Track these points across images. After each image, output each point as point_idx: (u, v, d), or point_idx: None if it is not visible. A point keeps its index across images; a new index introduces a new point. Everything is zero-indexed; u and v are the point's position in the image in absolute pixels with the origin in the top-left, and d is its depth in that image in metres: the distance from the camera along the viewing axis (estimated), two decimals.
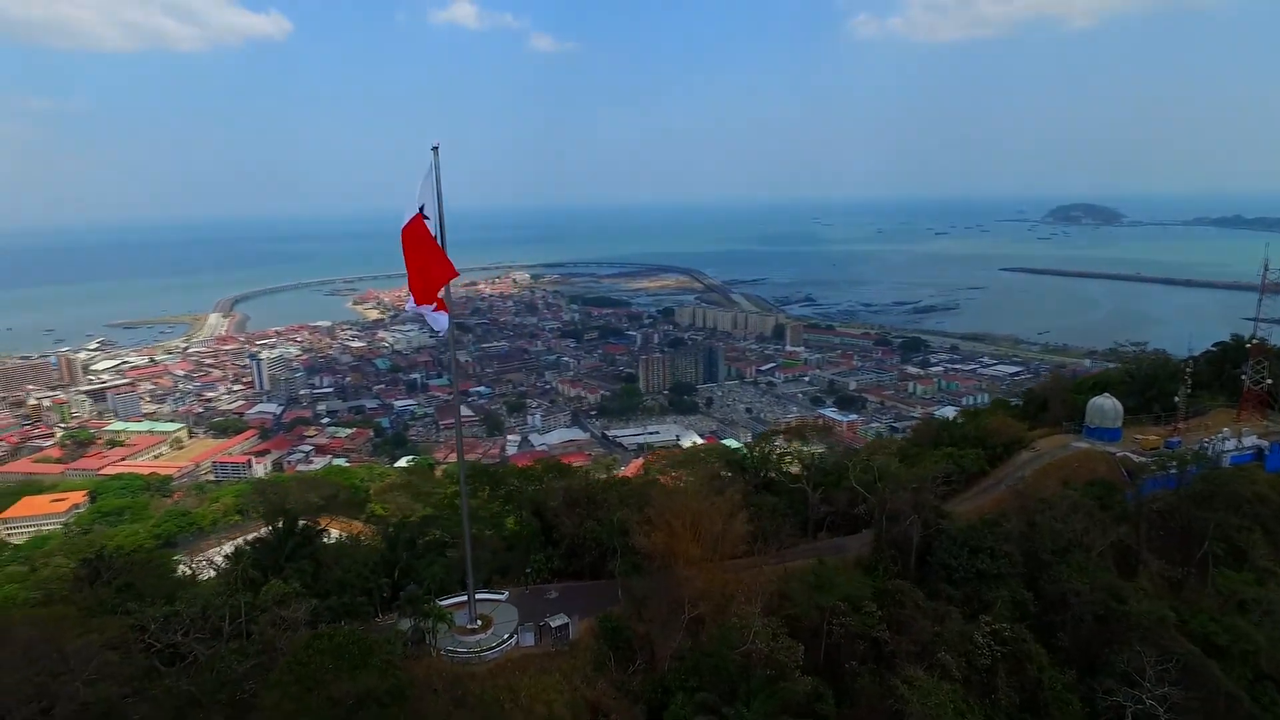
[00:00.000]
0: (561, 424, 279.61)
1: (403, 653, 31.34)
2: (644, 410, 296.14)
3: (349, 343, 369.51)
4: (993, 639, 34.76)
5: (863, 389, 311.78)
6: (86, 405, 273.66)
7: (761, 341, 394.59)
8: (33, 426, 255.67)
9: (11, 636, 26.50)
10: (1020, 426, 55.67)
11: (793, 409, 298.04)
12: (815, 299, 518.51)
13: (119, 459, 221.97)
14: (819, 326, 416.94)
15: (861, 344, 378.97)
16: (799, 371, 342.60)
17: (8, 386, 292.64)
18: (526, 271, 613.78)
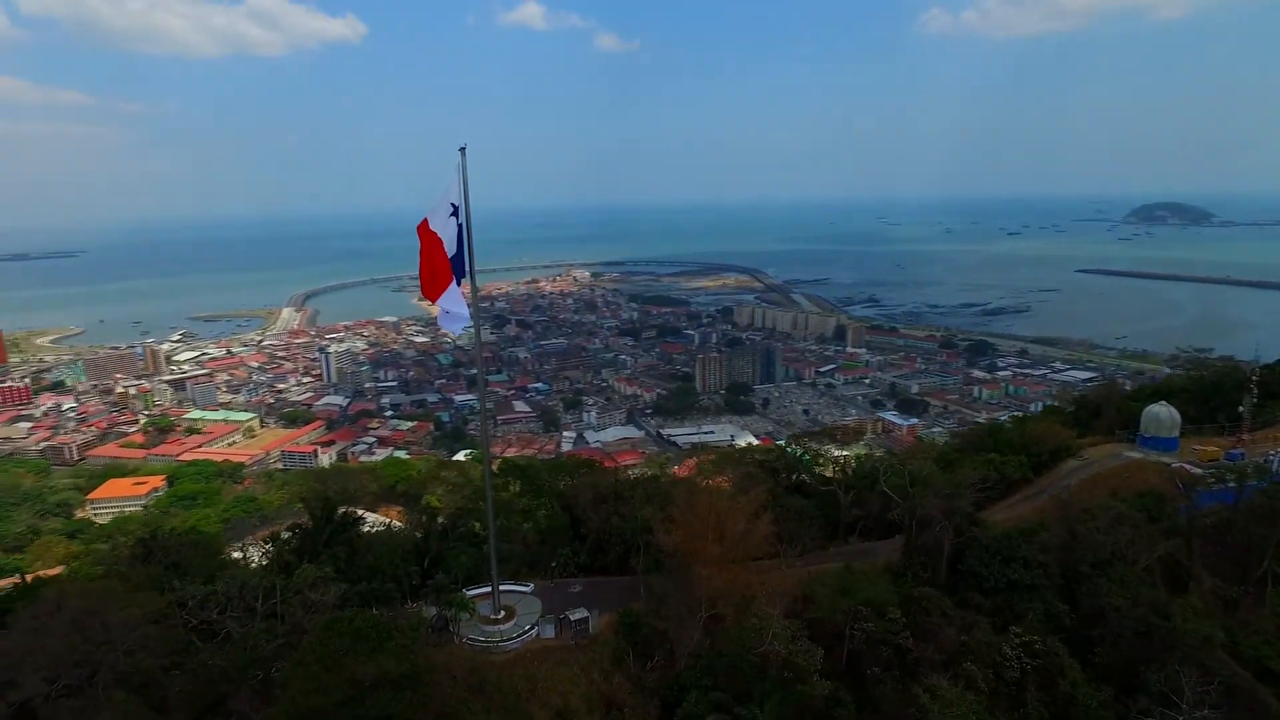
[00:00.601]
0: (617, 422, 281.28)
1: (426, 639, 32.30)
2: (699, 410, 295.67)
3: (413, 338, 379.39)
4: (1023, 651, 33.76)
5: (925, 392, 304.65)
6: (168, 394, 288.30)
7: (821, 342, 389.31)
8: (119, 413, 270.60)
9: (64, 606, 28.33)
10: (1068, 434, 53.67)
11: (852, 411, 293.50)
12: (879, 300, 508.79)
13: (196, 446, 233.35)
14: (882, 328, 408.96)
15: (925, 346, 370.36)
16: (859, 374, 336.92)
17: (98, 375, 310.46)
18: (587, 269, 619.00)
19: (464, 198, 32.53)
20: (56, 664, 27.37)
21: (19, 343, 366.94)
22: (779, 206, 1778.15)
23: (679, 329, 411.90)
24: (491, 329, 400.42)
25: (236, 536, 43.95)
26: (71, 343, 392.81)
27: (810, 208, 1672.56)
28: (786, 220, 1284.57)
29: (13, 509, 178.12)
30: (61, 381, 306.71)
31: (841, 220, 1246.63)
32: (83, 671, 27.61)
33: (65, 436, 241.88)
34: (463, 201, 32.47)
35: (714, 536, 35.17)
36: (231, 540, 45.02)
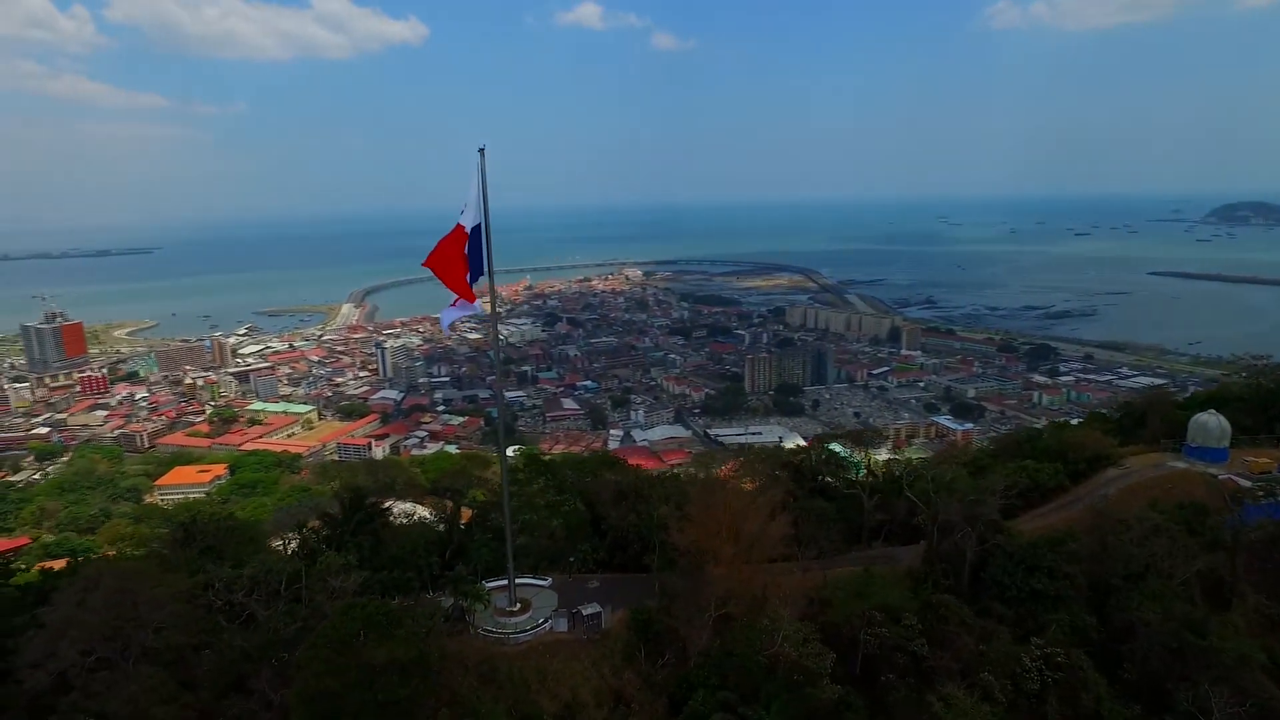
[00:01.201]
0: (664, 421, 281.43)
1: (440, 628, 33.08)
2: (748, 410, 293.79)
3: (467, 334, 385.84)
4: (1044, 663, 32.82)
5: (982, 397, 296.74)
6: (233, 386, 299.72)
7: (875, 344, 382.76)
8: (187, 403, 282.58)
9: (100, 584, 29.95)
10: (1108, 442, 51.77)
11: (904, 415, 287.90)
12: (936, 301, 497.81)
13: (257, 436, 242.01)
14: (938, 330, 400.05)
15: (984, 350, 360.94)
16: (913, 376, 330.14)
17: (169, 367, 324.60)
18: (639, 268, 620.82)
19: (484, 198, 33.11)
20: (91, 638, 28.98)
21: (99, 335, 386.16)
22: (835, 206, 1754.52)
23: (730, 329, 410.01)
24: (542, 327, 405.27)
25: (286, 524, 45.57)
26: (146, 335, 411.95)
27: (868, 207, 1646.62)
28: (843, 220, 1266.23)
29: (88, 492, 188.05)
30: (136, 372, 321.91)
31: (900, 220, 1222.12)
32: (115, 646, 29.16)
33: (137, 425, 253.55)
34: (481, 202, 33.05)
35: (728, 536, 35.14)
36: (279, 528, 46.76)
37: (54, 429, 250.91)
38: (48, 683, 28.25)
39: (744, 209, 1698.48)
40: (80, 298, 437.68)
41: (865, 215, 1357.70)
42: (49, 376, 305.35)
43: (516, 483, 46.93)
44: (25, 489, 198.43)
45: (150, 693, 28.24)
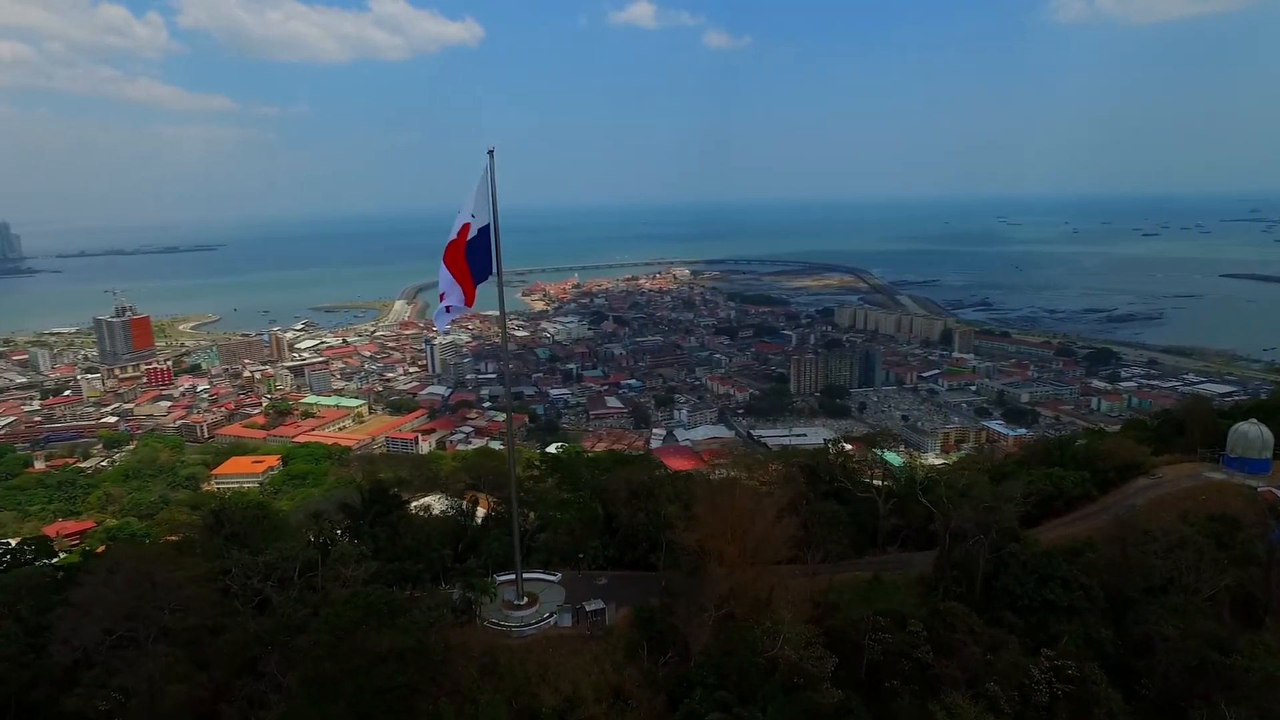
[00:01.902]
0: (707, 420, 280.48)
1: (446, 619, 33.79)
2: (793, 411, 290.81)
3: (514, 332, 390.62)
4: (1054, 675, 31.93)
5: (1036, 402, 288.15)
6: (288, 379, 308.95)
7: (926, 346, 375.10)
8: (245, 396, 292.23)
9: (122, 566, 31.46)
10: (1141, 450, 49.87)
11: (954, 419, 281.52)
12: (992, 303, 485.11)
13: (310, 429, 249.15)
14: (992, 333, 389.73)
15: (1040, 353, 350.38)
16: (965, 380, 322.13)
17: (229, 360, 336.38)
18: (687, 267, 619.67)
19: (493, 200, 33.65)
20: (113, 617, 30.47)
21: (164, 329, 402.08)
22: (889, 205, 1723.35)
23: (777, 329, 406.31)
24: (589, 325, 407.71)
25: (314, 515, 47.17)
26: (209, 329, 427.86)
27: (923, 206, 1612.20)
28: (897, 219, 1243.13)
29: (150, 480, 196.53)
30: (198, 365, 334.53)
31: (957, 219, 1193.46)
32: (134, 625, 30.59)
33: (198, 416, 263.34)
34: (490, 204, 33.58)
35: (732, 537, 35.10)
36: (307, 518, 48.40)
37: (121, 418, 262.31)
38: (71, 659, 29.76)
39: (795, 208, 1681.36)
40: (149, 293, 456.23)
41: (920, 214, 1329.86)
42: (118, 368, 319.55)
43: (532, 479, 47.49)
44: (93, 475, 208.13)
45: (165, 671, 29.57)
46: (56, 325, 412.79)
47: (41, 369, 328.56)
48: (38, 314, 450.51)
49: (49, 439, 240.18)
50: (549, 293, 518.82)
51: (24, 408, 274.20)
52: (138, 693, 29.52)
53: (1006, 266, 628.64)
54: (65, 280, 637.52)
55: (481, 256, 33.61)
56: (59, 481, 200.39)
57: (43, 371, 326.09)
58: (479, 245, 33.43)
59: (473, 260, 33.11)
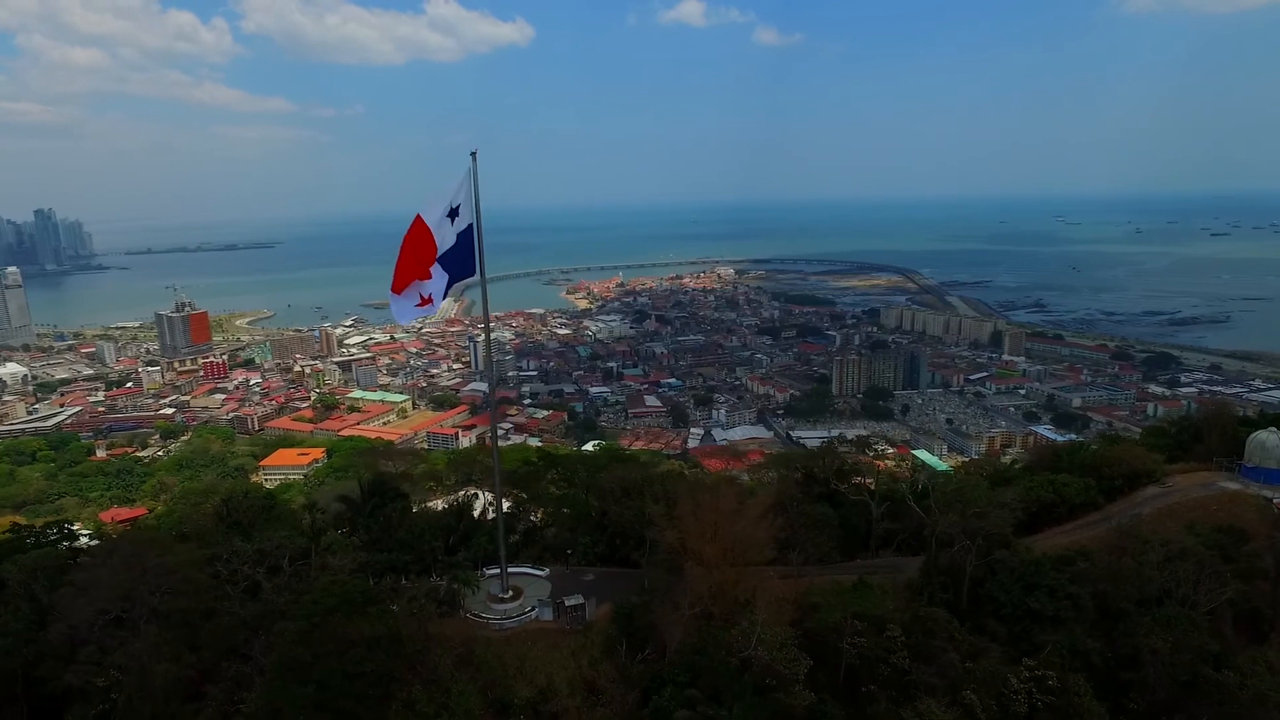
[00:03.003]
0: (746, 421, 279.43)
1: (429, 609, 34.58)
2: (834, 413, 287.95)
3: (557, 330, 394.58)
4: (1034, 685, 31.18)
5: (1088, 407, 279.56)
6: (337, 374, 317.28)
7: (975, 348, 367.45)
8: (295, 390, 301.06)
9: (117, 549, 33.03)
10: (1153, 458, 48.13)
11: (1000, 423, 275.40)
12: (1046, 305, 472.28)
13: (355, 423, 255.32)
14: (1045, 335, 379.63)
15: (1095, 357, 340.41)
16: (1014, 383, 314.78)
17: (282, 355, 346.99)
18: (732, 266, 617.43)
19: (475, 202, 34.18)
20: (107, 598, 32.01)
21: (222, 324, 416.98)
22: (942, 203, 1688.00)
23: (821, 329, 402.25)
24: (631, 324, 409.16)
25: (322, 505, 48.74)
26: (263, 325, 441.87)
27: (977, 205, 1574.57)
28: (949, 218, 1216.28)
29: (202, 470, 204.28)
30: (252, 359, 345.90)
31: (1013, 219, 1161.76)
32: (127, 606, 32.08)
33: (250, 408, 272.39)
34: (473, 205, 34.12)
35: (712, 536, 35.12)
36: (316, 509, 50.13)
37: (178, 410, 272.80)
38: (65, 635, 31.37)
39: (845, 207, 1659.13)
40: (208, 289, 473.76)
41: (973, 213, 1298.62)
42: (177, 361, 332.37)
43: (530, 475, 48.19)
44: (150, 464, 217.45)
45: (154, 650, 30.99)
46: (122, 320, 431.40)
47: (107, 361, 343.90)
48: (105, 309, 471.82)
49: (111, 428, 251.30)
50: (593, 291, 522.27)
51: (89, 398, 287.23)
52: (128, 670, 31.02)
53: (1063, 267, 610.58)
54: (131, 277, 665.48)
55: (463, 256, 34.19)
56: (118, 469, 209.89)
57: (108, 364, 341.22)
58: (461, 245, 34.01)
59: (453, 260, 33.69)
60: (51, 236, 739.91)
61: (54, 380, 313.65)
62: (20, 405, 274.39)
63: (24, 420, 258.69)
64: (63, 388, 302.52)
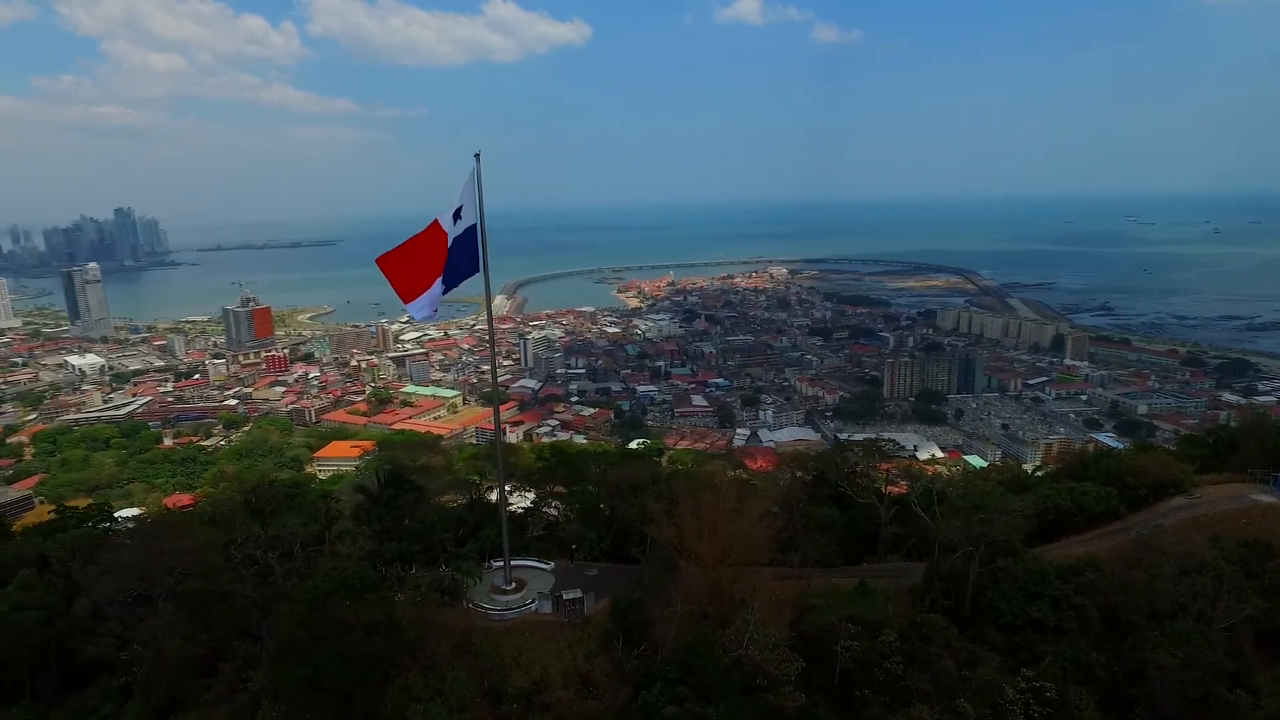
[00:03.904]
0: (794, 422, 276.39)
1: (431, 598, 35.52)
2: (884, 416, 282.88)
3: (606, 328, 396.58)
4: (1031, 696, 30.37)
5: (1155, 414, 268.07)
6: (391, 369, 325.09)
7: (1035, 352, 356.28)
8: (351, 383, 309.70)
9: (139, 531, 34.86)
10: (1181, 468, 46.04)
11: (1059, 429, 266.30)
12: (1113, 308, 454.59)
13: (406, 417, 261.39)
14: (1110, 339, 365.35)
15: (1164, 363, 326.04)
16: (1076, 389, 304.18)
17: (340, 349, 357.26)
18: (785, 266, 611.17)
19: (479, 203, 34.98)
20: (127, 576, 33.81)
21: (285, 318, 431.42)
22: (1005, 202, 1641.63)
23: (874, 331, 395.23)
24: (680, 323, 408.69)
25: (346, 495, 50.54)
26: (323, 320, 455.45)
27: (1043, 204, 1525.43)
28: (1013, 217, 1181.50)
29: (260, 459, 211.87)
30: (312, 353, 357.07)
31: (1081, 219, 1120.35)
32: (145, 585, 33.83)
33: (307, 401, 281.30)
34: (477, 206, 34.92)
35: (710, 535, 35.18)
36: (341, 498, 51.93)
37: (240, 401, 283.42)
38: (89, 610, 33.26)
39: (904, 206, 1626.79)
40: (272, 285, 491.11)
41: (1039, 213, 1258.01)
42: (241, 354, 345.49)
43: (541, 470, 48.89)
44: (212, 453, 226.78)
45: (168, 628, 32.67)
46: (192, 314, 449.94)
47: (177, 354, 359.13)
48: (177, 303, 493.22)
49: (178, 418, 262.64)
50: (644, 290, 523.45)
51: (160, 389, 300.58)
52: (144, 644, 32.74)
53: (1133, 269, 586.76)
54: (201, 273, 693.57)
55: (467, 255, 35.00)
56: (182, 458, 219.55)
57: (178, 356, 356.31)
58: (464, 244, 34.82)
59: (457, 258, 34.50)
60: (130, 234, 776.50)
61: (128, 371, 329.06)
62: (97, 394, 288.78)
63: (99, 409, 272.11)
64: (135, 378, 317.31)
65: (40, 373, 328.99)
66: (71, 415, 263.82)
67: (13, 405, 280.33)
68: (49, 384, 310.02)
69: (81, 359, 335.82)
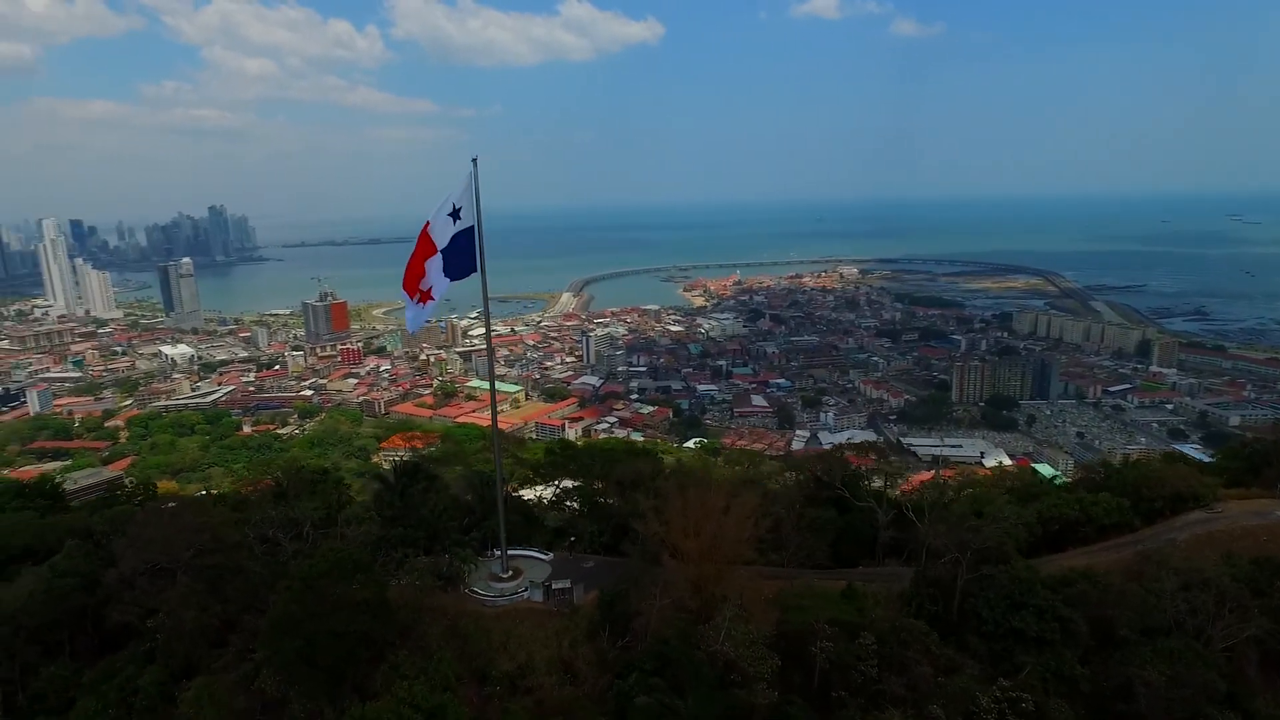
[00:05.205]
0: (856, 425, 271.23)
1: (428, 583, 37.18)
2: (951, 420, 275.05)
3: (670, 326, 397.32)
4: (1007, 706, 29.75)
5: (1248, 426, 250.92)
6: (458, 364, 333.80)
7: (1118, 358, 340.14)
8: (420, 377, 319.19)
9: (158, 511, 37.59)
10: (1203, 481, 43.83)
11: (1139, 439, 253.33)
12: (1208, 313, 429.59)
13: (470, 411, 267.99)
14: (1203, 346, 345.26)
15: (1262, 371, 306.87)
16: (1161, 397, 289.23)
17: (410, 344, 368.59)
18: (856, 266, 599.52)
19: (476, 206, 36.29)
20: (151, 550, 36.56)
21: (361, 313, 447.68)
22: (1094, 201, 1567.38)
23: (945, 333, 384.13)
24: (744, 322, 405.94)
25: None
26: (397, 315, 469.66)
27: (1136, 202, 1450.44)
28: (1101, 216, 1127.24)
29: (330, 448, 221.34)
30: (384, 347, 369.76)
31: (1178, 217, 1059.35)
32: (166, 559, 36.52)
33: (378, 393, 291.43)
34: (474, 209, 36.23)
35: (694, 532, 35.67)
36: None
37: (316, 392, 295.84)
38: (117, 579, 36.11)
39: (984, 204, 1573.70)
40: (350, 280, 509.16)
41: (1131, 211, 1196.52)
42: (319, 347, 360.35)
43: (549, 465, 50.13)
44: (286, 441, 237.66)
45: (183, 598, 35.23)
46: (275, 308, 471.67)
47: (260, 345, 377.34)
48: (262, 297, 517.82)
49: (258, 407, 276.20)
50: (709, 289, 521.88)
51: (242, 378, 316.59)
52: (169, 614, 35.38)
53: (1235, 271, 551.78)
54: (286, 268, 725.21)
55: (464, 256, 36.35)
56: (259, 445, 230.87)
57: (261, 348, 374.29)
58: (461, 245, 36.16)
59: (452, 259, 35.88)
60: (222, 230, 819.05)
61: (215, 361, 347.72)
62: (186, 383, 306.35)
63: (187, 396, 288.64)
64: (221, 368, 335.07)
65: (137, 361, 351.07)
66: (162, 402, 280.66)
67: (111, 391, 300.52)
68: (144, 372, 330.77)
69: (173, 349, 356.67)
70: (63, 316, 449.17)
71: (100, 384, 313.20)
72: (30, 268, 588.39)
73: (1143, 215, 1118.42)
